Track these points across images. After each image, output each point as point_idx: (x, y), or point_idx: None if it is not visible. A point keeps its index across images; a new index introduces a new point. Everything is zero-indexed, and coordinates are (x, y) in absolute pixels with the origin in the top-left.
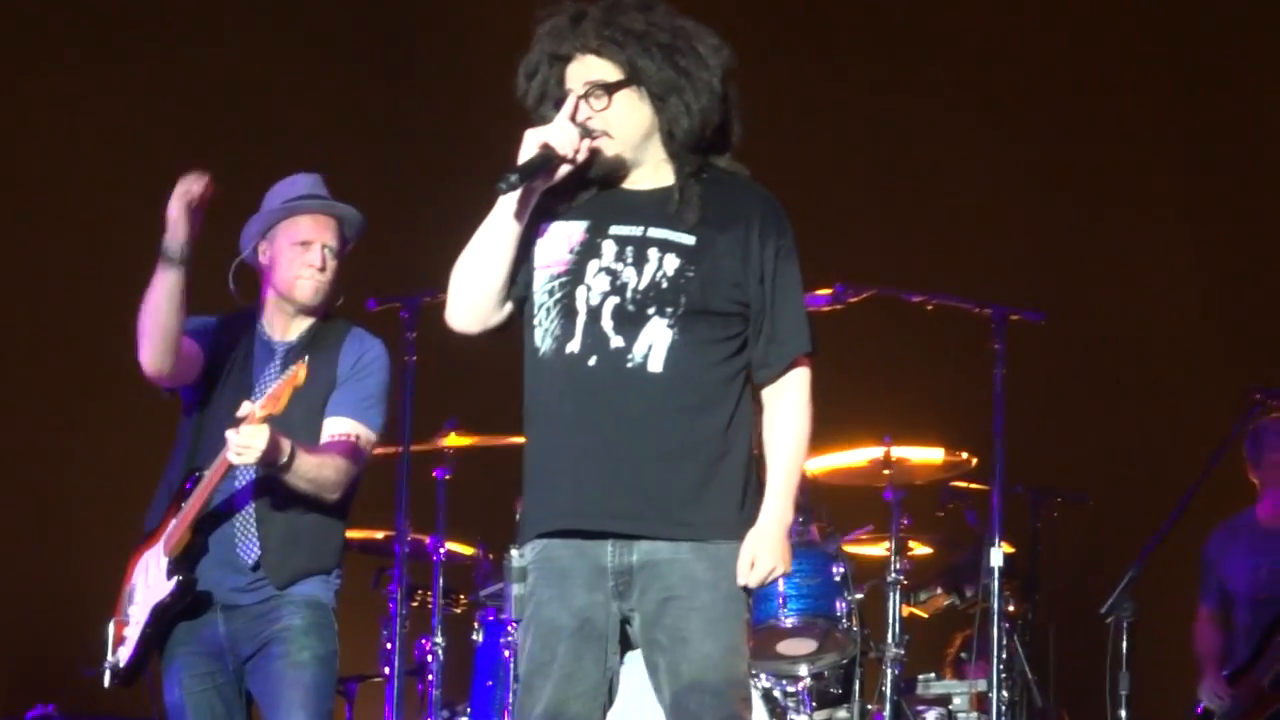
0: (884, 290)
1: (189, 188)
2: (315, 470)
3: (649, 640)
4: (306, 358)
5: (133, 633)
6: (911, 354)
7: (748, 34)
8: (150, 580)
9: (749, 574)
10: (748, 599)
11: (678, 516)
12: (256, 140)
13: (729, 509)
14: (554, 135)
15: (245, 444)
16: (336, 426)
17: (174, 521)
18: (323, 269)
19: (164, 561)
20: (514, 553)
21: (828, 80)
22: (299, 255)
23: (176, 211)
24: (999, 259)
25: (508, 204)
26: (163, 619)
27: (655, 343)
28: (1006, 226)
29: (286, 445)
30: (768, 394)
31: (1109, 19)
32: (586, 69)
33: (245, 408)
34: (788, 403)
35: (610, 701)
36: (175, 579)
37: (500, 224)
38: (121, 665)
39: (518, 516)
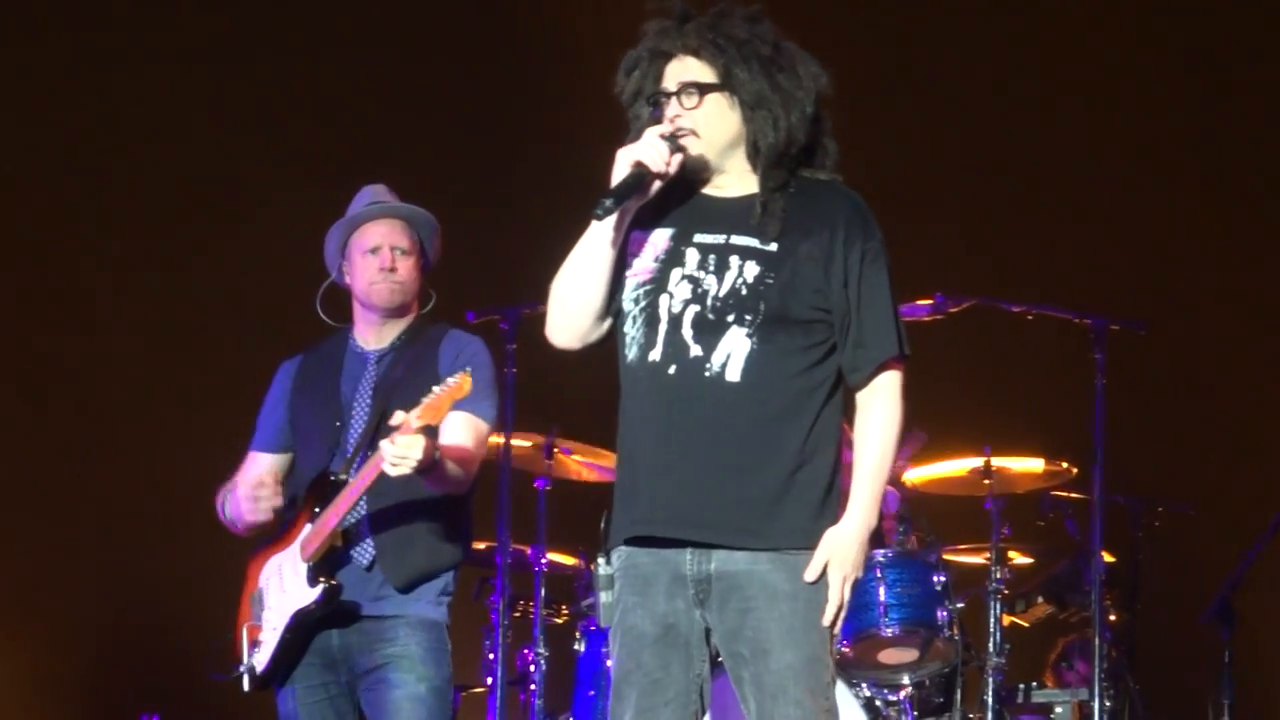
0: (984, 300)
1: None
2: (452, 470)
3: (731, 652)
4: (469, 368)
5: (269, 637)
6: (1012, 364)
7: (845, 42)
8: (286, 585)
9: (829, 586)
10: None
11: (752, 526)
12: (356, 152)
13: (805, 519)
14: (645, 152)
15: (402, 454)
16: (453, 423)
17: (309, 527)
18: (394, 269)
19: (302, 567)
20: (600, 560)
21: (929, 90)
22: (371, 262)
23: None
24: (1100, 268)
25: (603, 223)
26: (304, 625)
27: (734, 351)
28: (1108, 236)
29: (435, 451)
30: (859, 399)
31: (1219, 27)
32: (684, 68)
33: (399, 417)
34: (875, 408)
35: (703, 709)
36: (321, 586)
37: (596, 242)
38: (259, 670)
39: (602, 525)
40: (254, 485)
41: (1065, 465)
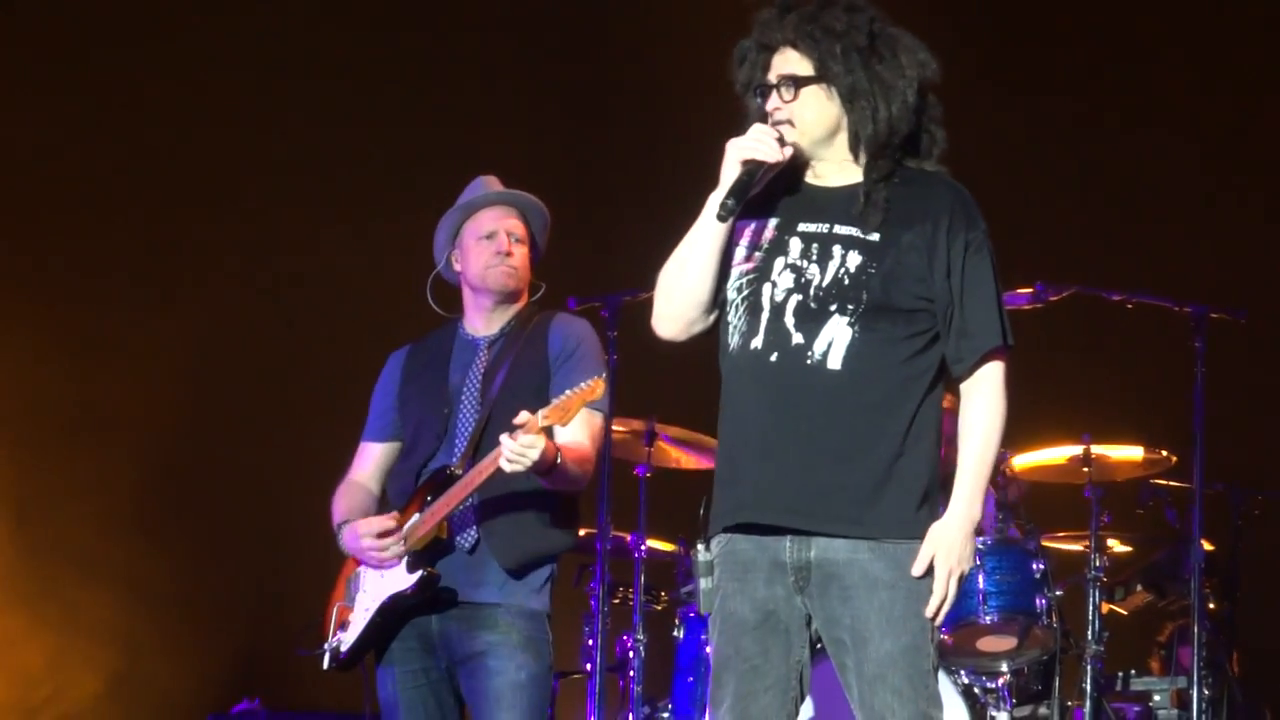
0: (1084, 289)
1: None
2: (571, 470)
3: (832, 639)
4: (603, 374)
5: (359, 619)
6: (1111, 352)
7: (951, 27)
8: (385, 570)
9: (936, 581)
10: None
11: (851, 514)
12: (456, 145)
13: (905, 509)
14: (755, 148)
15: (520, 452)
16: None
17: (417, 515)
18: (510, 253)
19: (404, 554)
20: (699, 547)
21: (1030, 77)
22: (486, 247)
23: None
24: (1200, 255)
25: (713, 214)
26: (396, 610)
27: (835, 340)
28: (1207, 223)
29: (556, 453)
30: (963, 389)
31: None
32: (784, 60)
33: (523, 416)
34: (978, 398)
35: (803, 696)
36: (419, 573)
37: (706, 234)
38: (343, 650)
39: (701, 511)
40: (378, 534)
41: (1165, 453)
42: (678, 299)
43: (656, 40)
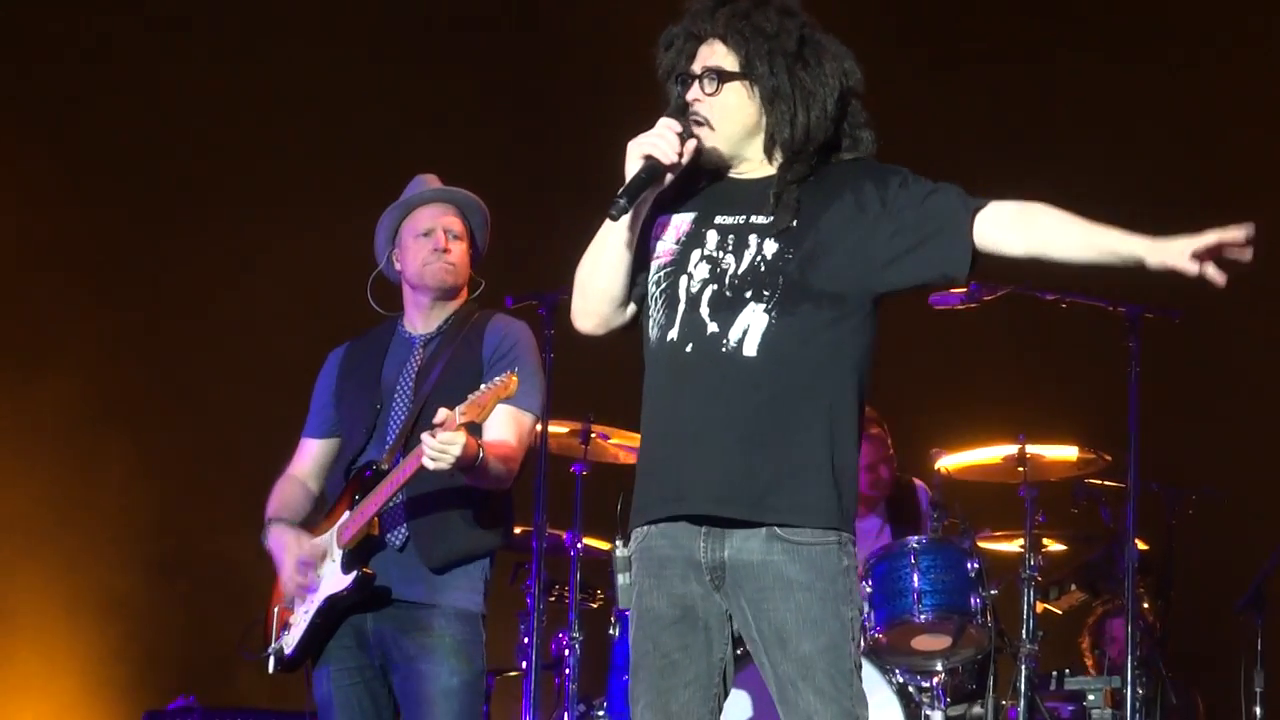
0: (1019, 288)
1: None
2: (495, 467)
3: (750, 639)
4: (515, 368)
5: (300, 621)
6: (1046, 352)
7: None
8: (322, 570)
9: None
10: (855, 593)
11: (766, 501)
12: (389, 147)
13: (820, 497)
14: (655, 144)
15: (441, 449)
16: (497, 417)
17: (347, 514)
18: (447, 250)
19: (337, 553)
20: (618, 543)
21: (961, 74)
22: (424, 244)
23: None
24: None
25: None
26: (334, 611)
27: (751, 326)
28: (1140, 224)
29: (477, 451)
30: (994, 231)
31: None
32: (711, 53)
33: (443, 414)
34: (1027, 212)
35: (727, 693)
36: (354, 573)
37: (615, 230)
38: (286, 652)
39: (619, 507)
40: (296, 564)
41: (1099, 453)
42: (591, 295)
43: (594, 35)
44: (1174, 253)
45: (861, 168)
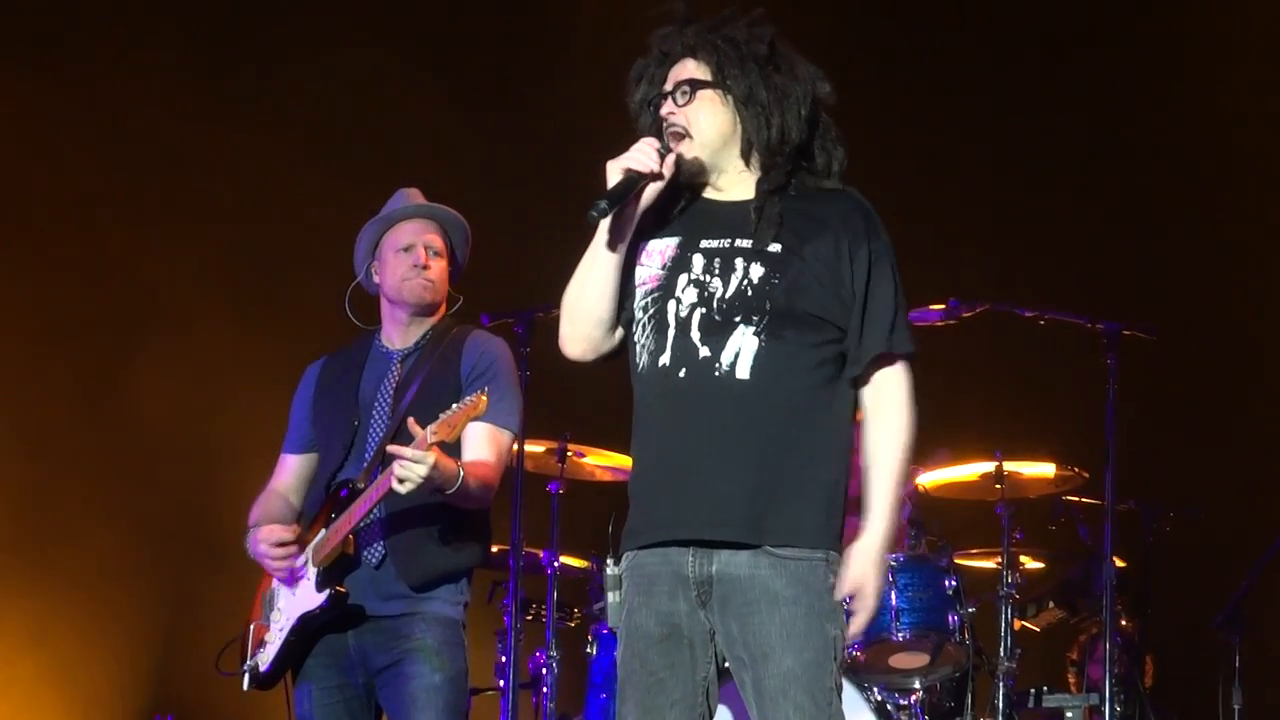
0: (997, 305)
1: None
2: (473, 487)
3: (733, 655)
4: (486, 388)
5: (275, 638)
6: (1024, 369)
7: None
8: (296, 588)
9: (853, 595)
10: (839, 612)
11: (754, 522)
12: (369, 160)
13: (812, 517)
14: (633, 158)
15: (406, 473)
16: (475, 433)
17: (323, 532)
18: (427, 266)
19: (312, 571)
20: (609, 562)
21: (941, 95)
22: (403, 260)
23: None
24: (1112, 274)
25: (605, 233)
26: (308, 629)
27: (743, 349)
28: (1119, 242)
29: (456, 472)
30: (864, 398)
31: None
32: (682, 69)
33: (415, 432)
34: (883, 409)
35: (710, 712)
36: (327, 591)
37: (601, 253)
38: (261, 670)
39: (610, 527)
40: (275, 544)
41: (1077, 470)
42: (580, 320)
43: (572, 52)
44: (845, 586)
45: (849, 208)
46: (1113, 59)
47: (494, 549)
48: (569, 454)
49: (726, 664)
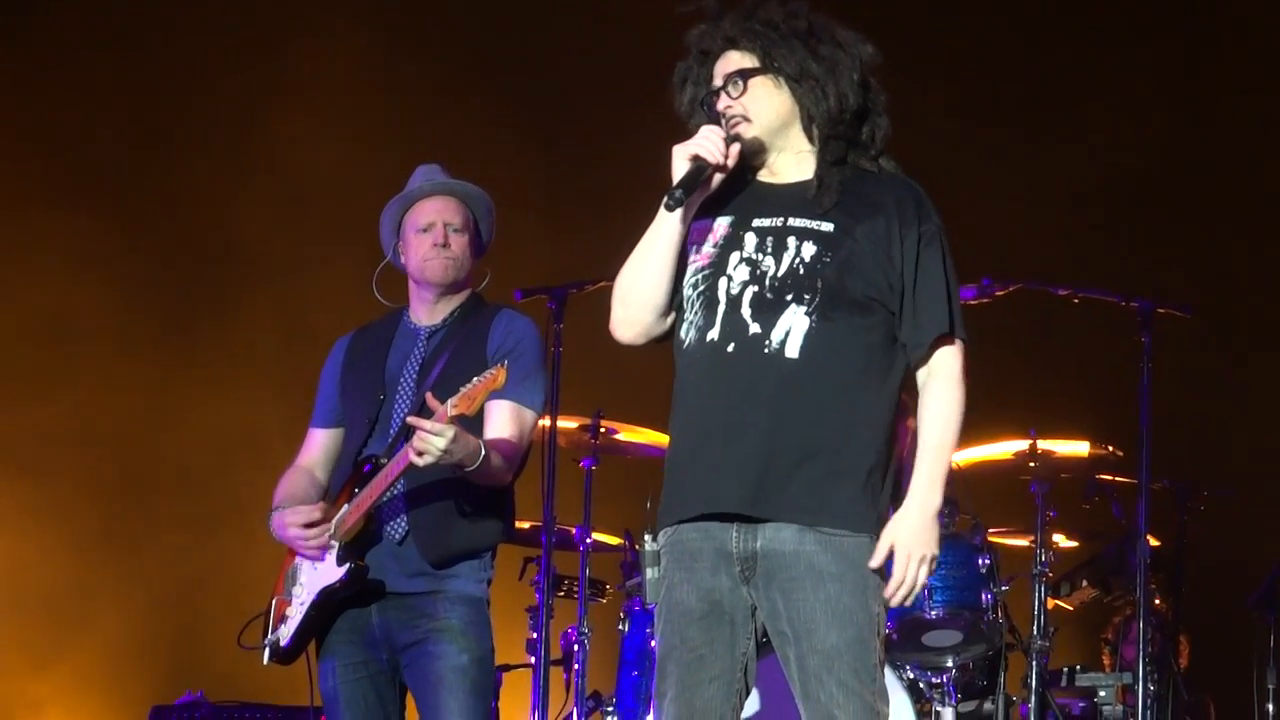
0: (1031, 284)
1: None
2: (496, 463)
3: (777, 631)
4: (505, 362)
5: (295, 613)
6: (1058, 347)
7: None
8: (318, 563)
9: (895, 564)
10: (882, 589)
11: (803, 503)
12: (407, 141)
13: (858, 499)
14: (701, 146)
15: (424, 446)
16: (499, 411)
17: (346, 507)
18: (447, 245)
19: (334, 545)
20: (646, 538)
21: (977, 72)
22: (424, 239)
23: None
24: (1147, 251)
25: (667, 217)
26: (328, 603)
27: (794, 328)
28: (1154, 219)
29: (478, 449)
30: (919, 381)
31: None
32: (727, 62)
33: (435, 406)
34: (933, 388)
35: (747, 689)
36: (347, 565)
37: (661, 237)
38: (282, 644)
39: (648, 504)
40: (305, 524)
41: (1111, 449)
42: (634, 303)
43: (610, 32)
44: (881, 553)
45: (901, 190)
46: (1144, 37)
47: (526, 525)
48: (602, 430)
49: (765, 640)
